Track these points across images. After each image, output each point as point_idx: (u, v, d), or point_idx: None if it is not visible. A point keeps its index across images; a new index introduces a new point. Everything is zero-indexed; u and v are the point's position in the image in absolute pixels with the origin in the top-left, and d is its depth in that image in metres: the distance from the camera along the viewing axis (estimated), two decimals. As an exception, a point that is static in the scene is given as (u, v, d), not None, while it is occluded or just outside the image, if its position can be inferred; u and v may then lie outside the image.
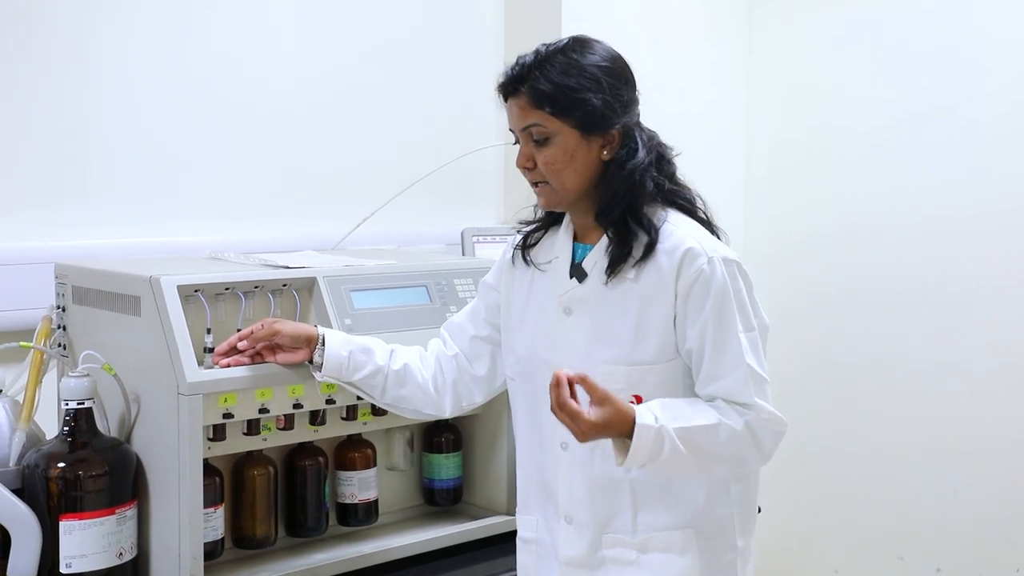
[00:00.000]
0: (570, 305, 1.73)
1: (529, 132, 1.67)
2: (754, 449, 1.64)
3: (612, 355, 1.68)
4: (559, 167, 1.66)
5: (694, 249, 1.64)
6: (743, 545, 1.75)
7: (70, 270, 1.98)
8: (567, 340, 1.72)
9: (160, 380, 1.75)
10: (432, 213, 2.83)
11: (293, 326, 1.80)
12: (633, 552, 1.70)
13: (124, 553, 1.76)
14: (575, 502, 1.73)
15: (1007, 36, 2.94)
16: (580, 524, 1.73)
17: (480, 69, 2.98)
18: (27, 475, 1.76)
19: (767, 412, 1.63)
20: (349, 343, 1.81)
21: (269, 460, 1.96)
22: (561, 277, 1.75)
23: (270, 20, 2.62)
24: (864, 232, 3.24)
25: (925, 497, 3.12)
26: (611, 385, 1.59)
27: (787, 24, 3.42)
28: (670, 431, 1.57)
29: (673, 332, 1.66)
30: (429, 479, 2.17)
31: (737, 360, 1.63)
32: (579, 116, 1.64)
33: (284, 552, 1.97)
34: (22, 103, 2.26)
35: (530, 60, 1.67)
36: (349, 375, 1.81)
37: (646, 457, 1.57)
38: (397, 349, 1.87)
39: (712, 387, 1.65)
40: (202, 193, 2.51)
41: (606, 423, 1.54)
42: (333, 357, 1.79)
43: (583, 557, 1.73)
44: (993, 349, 2.99)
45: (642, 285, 1.66)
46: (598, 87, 1.65)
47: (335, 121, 2.74)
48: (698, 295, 1.63)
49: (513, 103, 1.69)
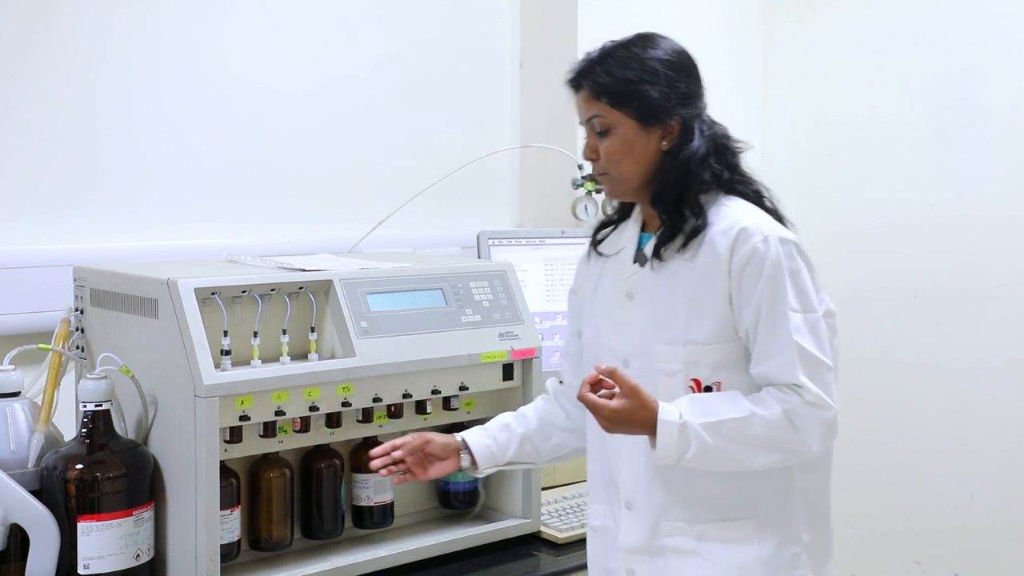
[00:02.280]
0: (632, 289, 1.76)
1: (592, 124, 1.73)
2: (796, 439, 1.63)
3: (668, 335, 1.70)
4: (618, 157, 1.71)
5: (748, 228, 1.66)
6: (810, 540, 1.73)
7: (88, 273, 1.99)
8: (627, 323, 1.76)
9: (177, 382, 1.75)
10: (448, 216, 2.83)
11: (441, 437, 1.87)
12: (692, 540, 1.70)
13: (141, 554, 1.77)
14: (635, 488, 1.75)
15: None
16: (640, 510, 1.74)
17: (496, 73, 2.99)
18: (46, 476, 1.77)
19: (812, 394, 1.62)
20: (487, 431, 1.90)
21: (285, 462, 1.97)
22: (626, 264, 1.80)
23: (285, 25, 2.63)
24: (882, 232, 3.22)
25: (943, 500, 3.10)
26: (668, 366, 1.66)
27: (803, 23, 3.41)
28: (695, 426, 1.60)
29: (730, 312, 1.67)
30: (445, 482, 2.16)
31: (786, 340, 1.63)
32: (636, 107, 1.69)
33: (300, 554, 1.97)
34: (40, 107, 2.28)
35: (595, 56, 1.74)
36: (503, 457, 1.89)
37: (674, 453, 1.60)
38: (524, 410, 1.95)
39: (762, 366, 1.66)
40: (219, 197, 2.52)
41: (630, 415, 1.59)
42: (482, 449, 1.88)
43: (643, 544, 1.74)
44: (1012, 351, 2.97)
45: (698, 265, 1.69)
46: (656, 79, 1.70)
47: (351, 125, 2.74)
48: (752, 273, 1.65)
49: (579, 97, 1.75)
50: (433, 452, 1.85)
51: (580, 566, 2.04)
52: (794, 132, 3.42)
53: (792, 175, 3.43)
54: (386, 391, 1.95)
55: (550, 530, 2.13)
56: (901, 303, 3.17)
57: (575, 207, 2.82)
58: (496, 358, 2.06)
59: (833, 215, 3.34)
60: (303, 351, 1.90)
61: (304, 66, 2.66)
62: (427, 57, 2.87)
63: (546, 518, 2.17)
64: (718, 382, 1.68)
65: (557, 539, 2.11)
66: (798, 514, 1.73)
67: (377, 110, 2.78)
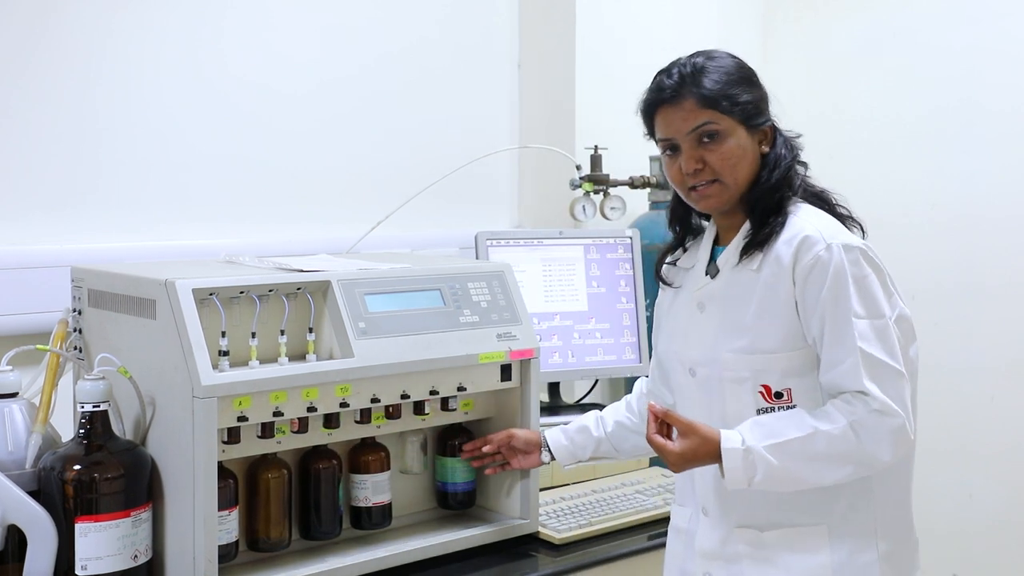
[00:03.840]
0: (703, 301, 1.78)
1: (698, 133, 1.72)
2: (863, 450, 1.62)
3: (737, 344, 1.71)
4: (735, 161, 1.72)
5: (811, 236, 1.67)
6: (887, 549, 1.72)
7: (86, 273, 1.99)
8: (698, 334, 1.78)
9: (175, 383, 1.75)
10: (446, 217, 2.83)
11: (523, 432, 2.06)
12: (764, 547, 1.71)
13: (139, 555, 1.77)
14: (710, 494, 1.77)
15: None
16: (715, 516, 1.77)
17: (494, 74, 2.99)
18: (43, 477, 1.77)
19: (879, 401, 1.61)
20: (567, 431, 2.06)
21: (283, 463, 1.97)
22: (698, 277, 1.81)
23: (285, 25, 2.63)
24: (882, 232, 3.17)
25: (941, 501, 3.10)
26: (736, 373, 1.69)
27: (803, 23, 3.41)
28: (759, 450, 1.62)
29: (797, 320, 1.68)
30: (443, 483, 2.16)
31: (852, 347, 1.63)
32: (745, 112, 1.73)
33: (298, 555, 1.97)
34: (40, 107, 2.28)
35: (687, 70, 1.73)
36: (583, 455, 2.06)
37: (743, 478, 1.63)
38: (605, 412, 2.07)
39: (830, 374, 1.66)
40: (216, 197, 2.52)
41: (694, 452, 1.64)
42: (561, 449, 2.05)
43: (717, 549, 1.76)
44: (1012, 351, 2.97)
45: (764, 274, 1.70)
46: (751, 85, 1.75)
47: (349, 125, 2.74)
48: (815, 281, 1.65)
49: (673, 110, 1.73)
50: (517, 446, 2.04)
51: (578, 567, 2.04)
52: (791, 133, 3.41)
53: (792, 175, 3.43)
54: (384, 392, 1.95)
55: (548, 531, 2.13)
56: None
57: (573, 208, 2.82)
58: (494, 359, 2.05)
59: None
60: (301, 352, 1.89)
61: (304, 66, 2.66)
62: (427, 57, 2.87)
63: (544, 519, 2.16)
64: (788, 388, 1.69)
65: (555, 540, 2.11)
66: (874, 522, 1.71)
67: (376, 110, 2.78)
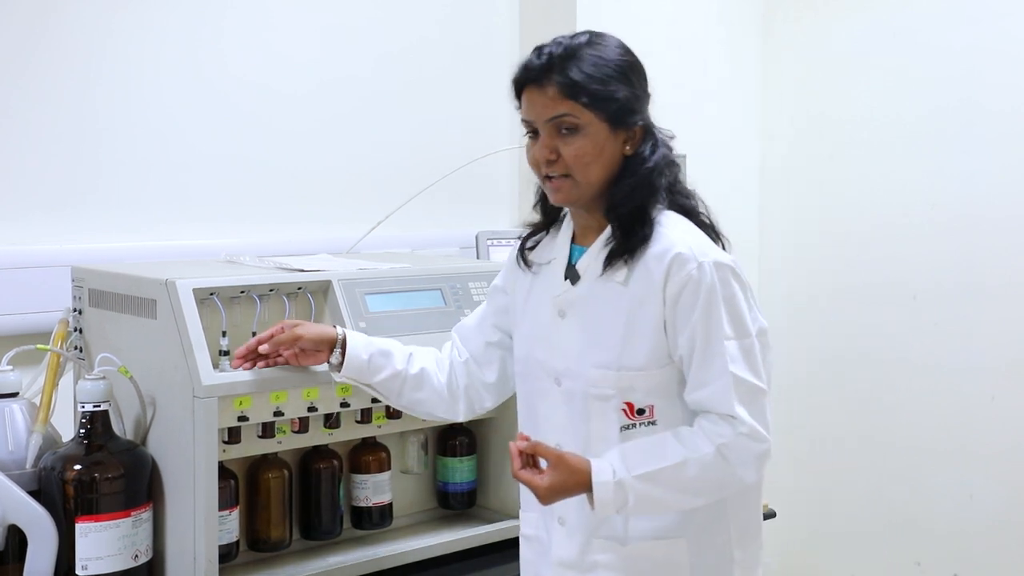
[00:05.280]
0: (564, 307, 1.71)
1: (556, 123, 1.63)
2: (730, 474, 1.61)
3: (602, 359, 1.66)
4: (588, 160, 1.63)
5: (683, 254, 1.61)
6: (743, 557, 1.72)
7: (87, 273, 1.99)
8: (560, 343, 1.71)
9: (175, 383, 1.75)
10: (446, 217, 2.83)
11: (314, 329, 1.79)
12: (622, 558, 1.68)
13: (140, 555, 1.77)
14: (568, 504, 1.69)
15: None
16: (572, 526, 1.72)
17: (494, 74, 2.97)
18: (44, 477, 1.77)
19: (747, 426, 1.59)
20: (370, 346, 1.80)
21: (284, 463, 1.97)
22: (556, 278, 1.74)
23: (285, 25, 2.63)
24: (881, 232, 3.22)
25: (942, 501, 3.10)
26: (601, 390, 1.63)
27: (803, 23, 3.41)
28: (631, 481, 1.58)
29: (664, 338, 1.63)
30: (443, 482, 2.17)
31: (721, 369, 1.60)
32: (611, 109, 1.62)
33: (298, 555, 1.97)
34: (40, 107, 2.28)
35: (558, 51, 1.63)
36: (368, 377, 1.80)
37: (613, 508, 1.59)
38: (415, 352, 1.86)
39: (697, 394, 1.63)
40: (217, 197, 2.52)
41: (563, 485, 1.58)
42: (354, 360, 1.78)
43: (574, 559, 1.72)
44: (1012, 351, 2.97)
45: (631, 289, 1.64)
46: (626, 81, 1.64)
47: (350, 125, 2.74)
48: (687, 301, 1.61)
49: (537, 93, 1.63)
50: (304, 348, 1.78)
51: (579, 567, 2.04)
52: (794, 132, 3.42)
53: (792, 175, 3.44)
54: (385, 392, 1.95)
55: (549, 531, 2.13)
56: (901, 303, 3.17)
57: (574, 207, 2.81)
58: (494, 358, 2.05)
59: (833, 215, 3.34)
60: (302, 352, 1.89)
61: (304, 66, 2.66)
62: (427, 57, 2.87)
63: (545, 519, 2.17)
64: (651, 404, 1.65)
65: (556, 540, 2.11)
66: (731, 532, 1.71)
67: (376, 110, 2.78)
